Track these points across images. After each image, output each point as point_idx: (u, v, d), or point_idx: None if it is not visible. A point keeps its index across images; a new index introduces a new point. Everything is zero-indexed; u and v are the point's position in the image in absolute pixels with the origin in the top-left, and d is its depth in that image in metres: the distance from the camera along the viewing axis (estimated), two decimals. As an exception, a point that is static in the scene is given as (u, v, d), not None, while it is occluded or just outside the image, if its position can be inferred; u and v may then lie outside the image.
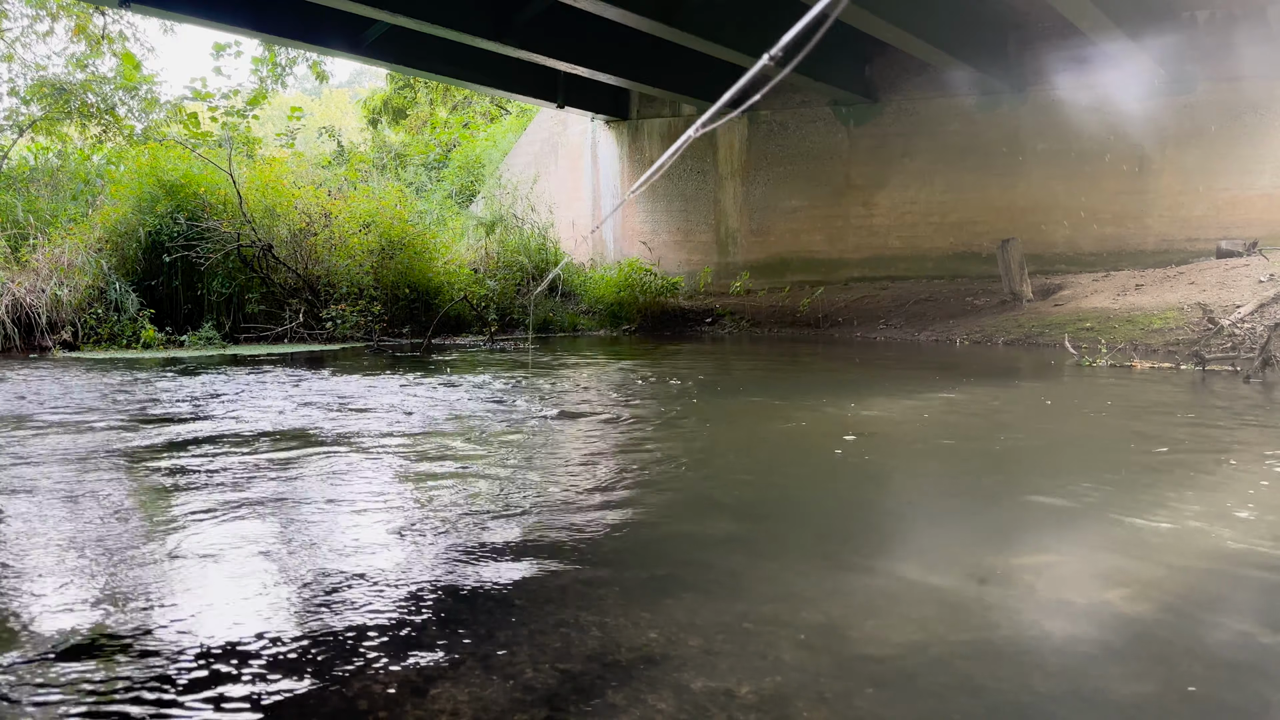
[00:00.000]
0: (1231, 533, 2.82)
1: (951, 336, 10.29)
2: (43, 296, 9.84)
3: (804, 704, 1.73)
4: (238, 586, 2.40)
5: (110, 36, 15.94)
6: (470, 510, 3.16)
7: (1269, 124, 10.98)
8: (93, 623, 2.15)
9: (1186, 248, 11.38)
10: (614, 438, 4.62)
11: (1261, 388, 6.14)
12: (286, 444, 4.35)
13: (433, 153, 18.78)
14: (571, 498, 3.38)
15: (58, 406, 5.66)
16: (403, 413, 5.30)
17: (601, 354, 9.59)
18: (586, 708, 1.73)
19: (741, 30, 10.58)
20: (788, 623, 2.11)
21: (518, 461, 4.01)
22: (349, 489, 3.48)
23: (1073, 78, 11.68)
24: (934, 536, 2.90)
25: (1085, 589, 2.35)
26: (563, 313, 13.15)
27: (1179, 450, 4.14)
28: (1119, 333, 8.88)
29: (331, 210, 11.90)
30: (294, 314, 10.96)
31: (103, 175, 12.80)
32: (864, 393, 6.13)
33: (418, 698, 1.78)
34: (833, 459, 4.12)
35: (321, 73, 18.83)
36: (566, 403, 5.79)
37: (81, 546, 2.74)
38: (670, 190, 15.04)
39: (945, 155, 12.86)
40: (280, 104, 25.32)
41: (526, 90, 13.46)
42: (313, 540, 2.83)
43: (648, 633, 2.06)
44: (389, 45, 11.28)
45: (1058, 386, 6.41)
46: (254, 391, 6.31)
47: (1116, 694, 1.78)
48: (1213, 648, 2.00)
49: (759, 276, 14.05)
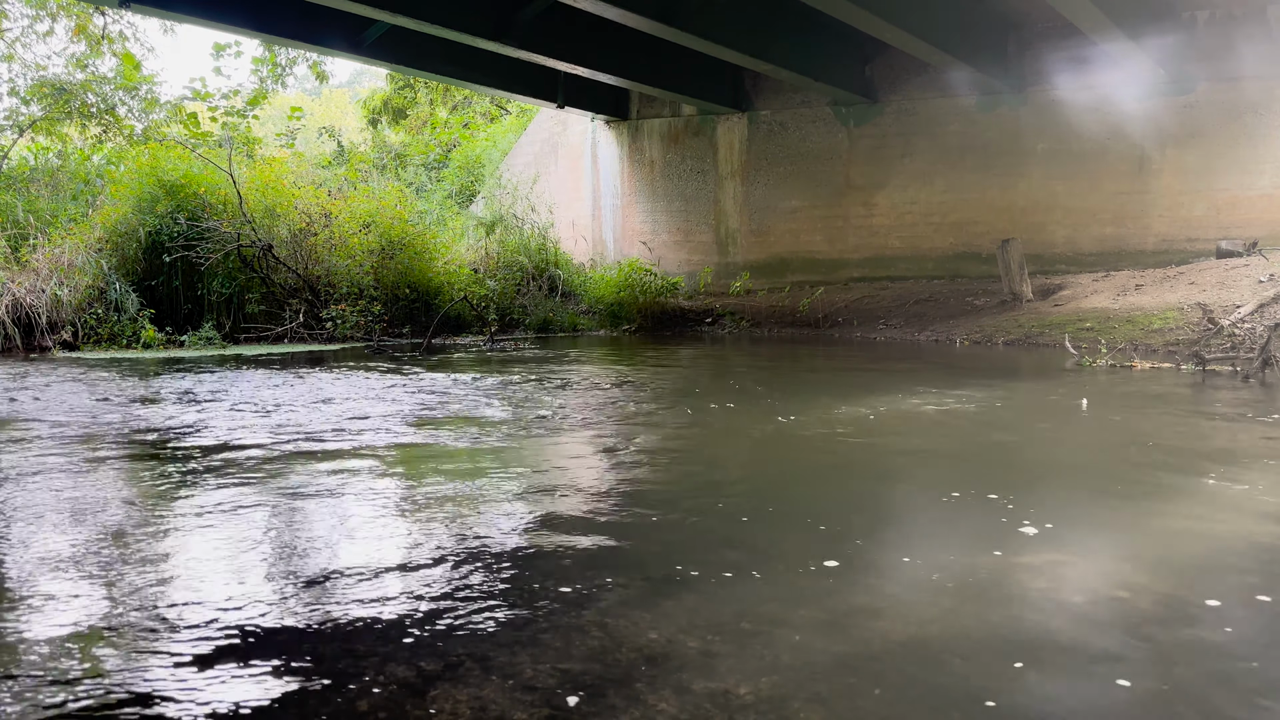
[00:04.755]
0: (1232, 532, 2.82)
1: (951, 337, 10.29)
2: (43, 296, 9.84)
3: (803, 704, 1.74)
4: (237, 586, 2.40)
5: (110, 36, 15.94)
6: (469, 510, 3.16)
7: (1269, 124, 10.98)
8: (91, 620, 2.15)
9: (1186, 248, 11.38)
10: (614, 438, 4.62)
11: (1261, 387, 6.14)
12: (286, 444, 4.35)
13: (433, 153, 18.77)
14: (571, 497, 3.39)
15: (58, 406, 5.66)
16: (402, 412, 5.30)
17: (601, 354, 9.59)
18: (586, 708, 1.73)
19: (741, 30, 10.58)
20: (787, 623, 2.12)
21: (517, 461, 4.01)
22: (348, 488, 3.48)
23: (1073, 78, 11.68)
24: (934, 536, 2.90)
25: (1086, 589, 2.35)
26: (563, 313, 13.15)
27: (1179, 450, 4.14)
28: (1119, 333, 8.89)
29: (331, 210, 11.90)
30: (294, 314, 10.96)
31: (103, 175, 12.80)
32: (864, 393, 6.13)
33: (418, 698, 1.78)
34: (832, 459, 4.12)
35: (321, 73, 18.82)
36: (566, 403, 5.79)
37: (82, 545, 2.75)
38: (670, 190, 15.03)
39: (945, 155, 12.86)
40: (280, 104, 25.32)
41: (526, 90, 13.45)
42: (311, 540, 2.83)
43: (648, 633, 2.06)
44: (389, 45, 11.28)
45: (1058, 387, 6.41)
46: (254, 391, 6.31)
47: (1116, 694, 1.78)
48: (1213, 648, 2.00)
49: (759, 276, 14.05)
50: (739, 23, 10.54)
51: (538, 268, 13.83)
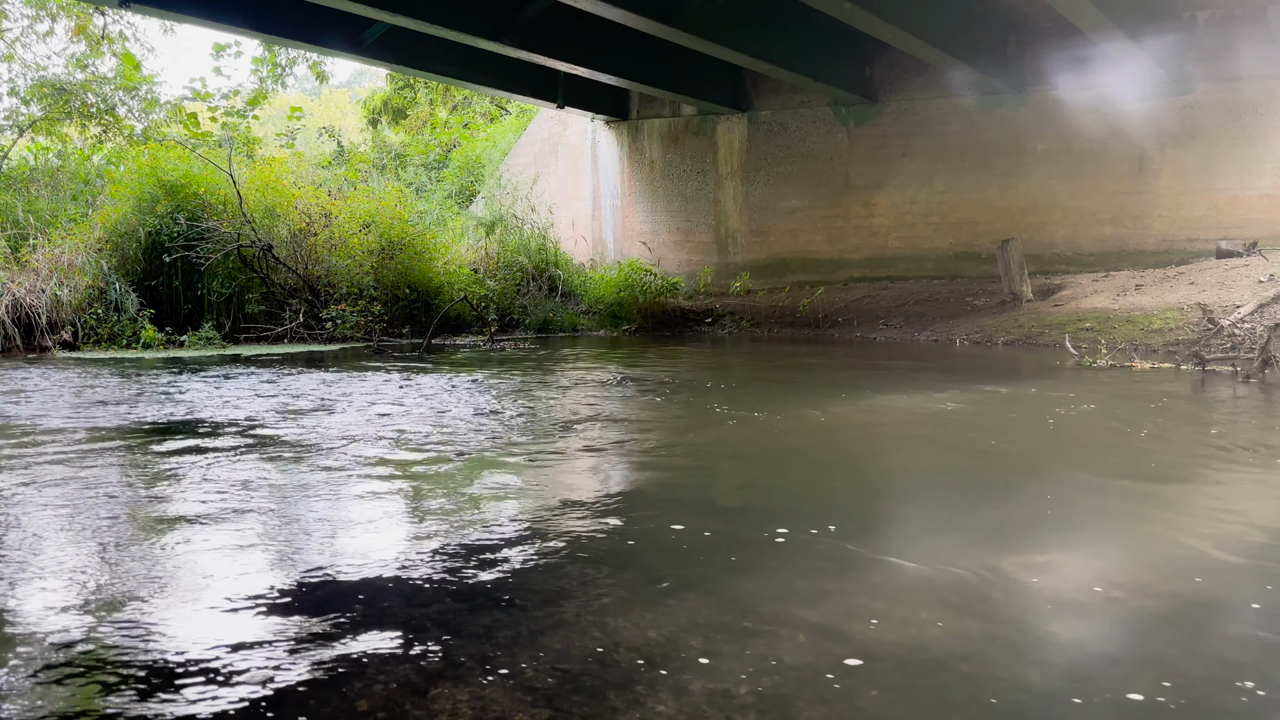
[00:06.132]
0: (1231, 532, 2.82)
1: (951, 337, 10.29)
2: (43, 296, 9.83)
3: (804, 704, 1.73)
4: (236, 585, 2.40)
5: (110, 36, 15.94)
6: (470, 510, 3.16)
7: (1269, 124, 10.97)
8: (91, 620, 2.15)
9: (1186, 248, 11.37)
10: (613, 438, 4.62)
11: (1261, 388, 6.14)
12: (285, 443, 4.35)
13: (433, 153, 18.77)
14: (571, 497, 3.39)
15: (58, 407, 5.66)
16: (402, 412, 5.30)
17: (601, 354, 9.58)
18: (586, 708, 1.73)
19: (741, 30, 10.58)
20: (788, 623, 2.11)
21: (516, 461, 4.01)
22: (347, 489, 3.48)
23: (1073, 78, 11.67)
24: (934, 536, 2.90)
25: (1086, 589, 2.35)
26: (563, 313, 13.14)
27: (1179, 450, 4.14)
28: (1119, 333, 8.88)
29: (331, 210, 11.90)
30: (294, 314, 10.96)
31: (103, 175, 12.79)
32: (864, 393, 6.13)
33: (418, 698, 1.78)
34: (833, 459, 4.12)
35: (321, 73, 18.81)
36: (566, 403, 5.79)
37: (80, 547, 2.75)
38: (670, 190, 15.03)
39: (945, 155, 12.85)
40: (280, 104, 25.32)
41: (526, 90, 13.44)
42: (310, 540, 2.83)
43: (648, 633, 2.06)
44: (389, 45, 11.27)
45: (1058, 387, 6.41)
46: (255, 391, 6.31)
47: (1116, 694, 1.78)
48: (1213, 647, 2.00)
49: (759, 277, 14.04)
50: (739, 23, 10.54)
51: (538, 268, 13.83)
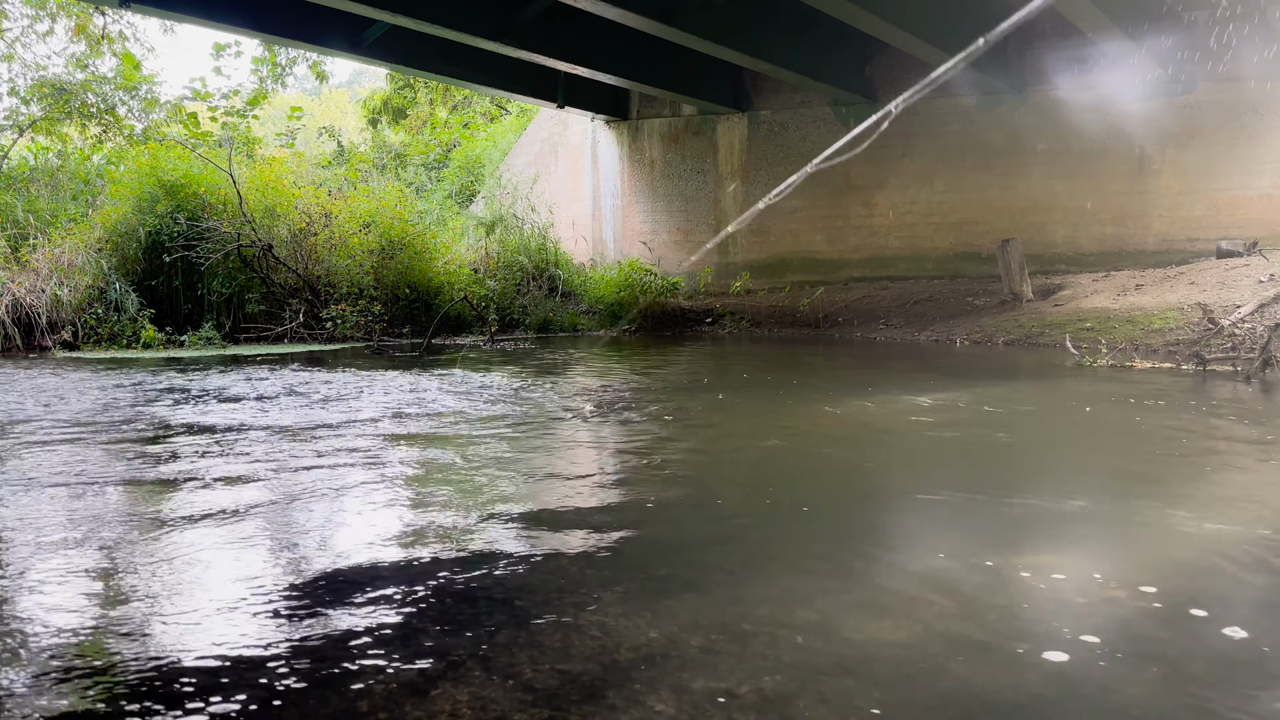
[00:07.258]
0: (1231, 532, 2.82)
1: (951, 337, 10.29)
2: (43, 296, 9.84)
3: (804, 704, 1.73)
4: (236, 585, 2.39)
5: (110, 36, 15.94)
6: (469, 510, 3.16)
7: (1269, 124, 10.98)
8: (92, 619, 2.15)
9: (1186, 248, 11.38)
10: (613, 437, 4.61)
11: (1262, 387, 6.14)
12: (285, 443, 4.35)
13: (433, 153, 18.77)
14: (571, 497, 3.38)
15: (57, 406, 5.66)
16: (402, 411, 5.30)
17: (601, 354, 9.58)
18: (587, 708, 1.73)
19: (741, 30, 10.58)
20: (787, 623, 2.11)
21: (517, 461, 4.00)
22: (347, 489, 3.48)
23: (1073, 78, 11.67)
24: (934, 536, 2.90)
25: (1086, 589, 2.35)
26: (563, 313, 13.14)
27: (1179, 450, 4.14)
28: (1119, 333, 8.88)
29: (331, 210, 11.90)
30: (294, 314, 10.96)
31: (103, 175, 12.79)
32: (865, 393, 6.13)
33: (418, 698, 1.78)
34: (832, 459, 4.12)
35: (321, 73, 18.81)
36: (566, 402, 5.79)
37: (79, 547, 2.75)
38: (670, 190, 15.03)
39: (945, 155, 12.86)
40: (280, 104, 25.33)
41: (526, 90, 13.45)
42: (310, 540, 2.83)
43: (648, 633, 2.06)
44: (389, 45, 11.28)
45: (1058, 387, 6.41)
46: (254, 391, 6.31)
47: (1116, 694, 1.78)
48: (1212, 647, 2.00)
49: (759, 276, 14.05)
50: (739, 22, 10.54)
51: (538, 268, 13.83)
